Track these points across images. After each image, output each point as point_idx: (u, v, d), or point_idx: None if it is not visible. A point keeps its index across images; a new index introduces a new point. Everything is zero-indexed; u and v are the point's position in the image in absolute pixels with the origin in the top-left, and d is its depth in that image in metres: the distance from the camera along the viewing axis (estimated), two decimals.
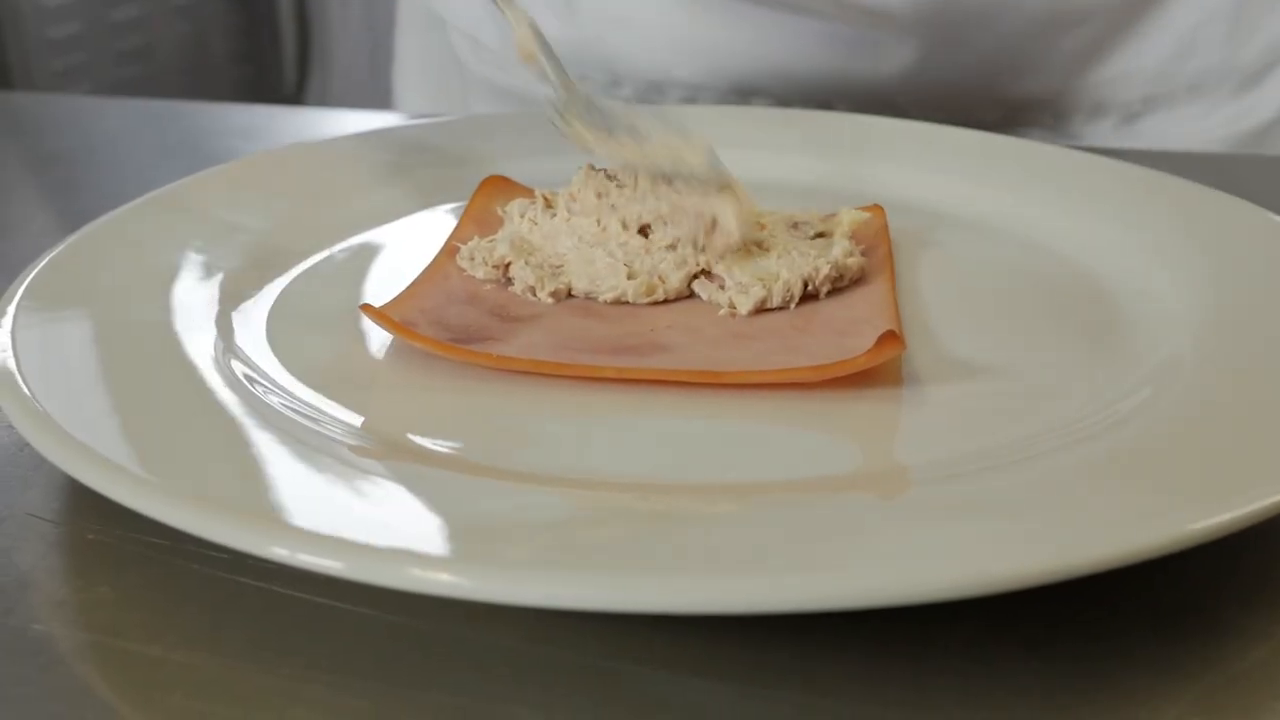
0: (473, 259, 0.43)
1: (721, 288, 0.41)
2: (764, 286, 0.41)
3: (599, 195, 0.43)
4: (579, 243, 0.42)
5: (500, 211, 0.46)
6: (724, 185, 0.42)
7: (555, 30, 0.74)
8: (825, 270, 0.42)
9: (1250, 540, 0.30)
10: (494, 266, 0.42)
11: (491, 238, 0.44)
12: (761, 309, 0.41)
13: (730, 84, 0.71)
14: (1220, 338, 0.38)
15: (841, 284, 0.42)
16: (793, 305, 0.41)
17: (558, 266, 0.42)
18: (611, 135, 0.45)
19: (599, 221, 0.43)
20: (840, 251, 0.43)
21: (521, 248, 0.43)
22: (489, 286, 0.42)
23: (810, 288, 0.42)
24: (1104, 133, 0.70)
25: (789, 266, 0.41)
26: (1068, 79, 0.69)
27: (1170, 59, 0.68)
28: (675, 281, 0.41)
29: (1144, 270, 0.43)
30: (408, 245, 0.47)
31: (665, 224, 0.43)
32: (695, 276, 0.42)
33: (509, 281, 0.42)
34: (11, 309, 0.37)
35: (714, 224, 0.42)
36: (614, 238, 0.42)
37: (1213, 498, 0.29)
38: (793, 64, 0.70)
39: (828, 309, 0.41)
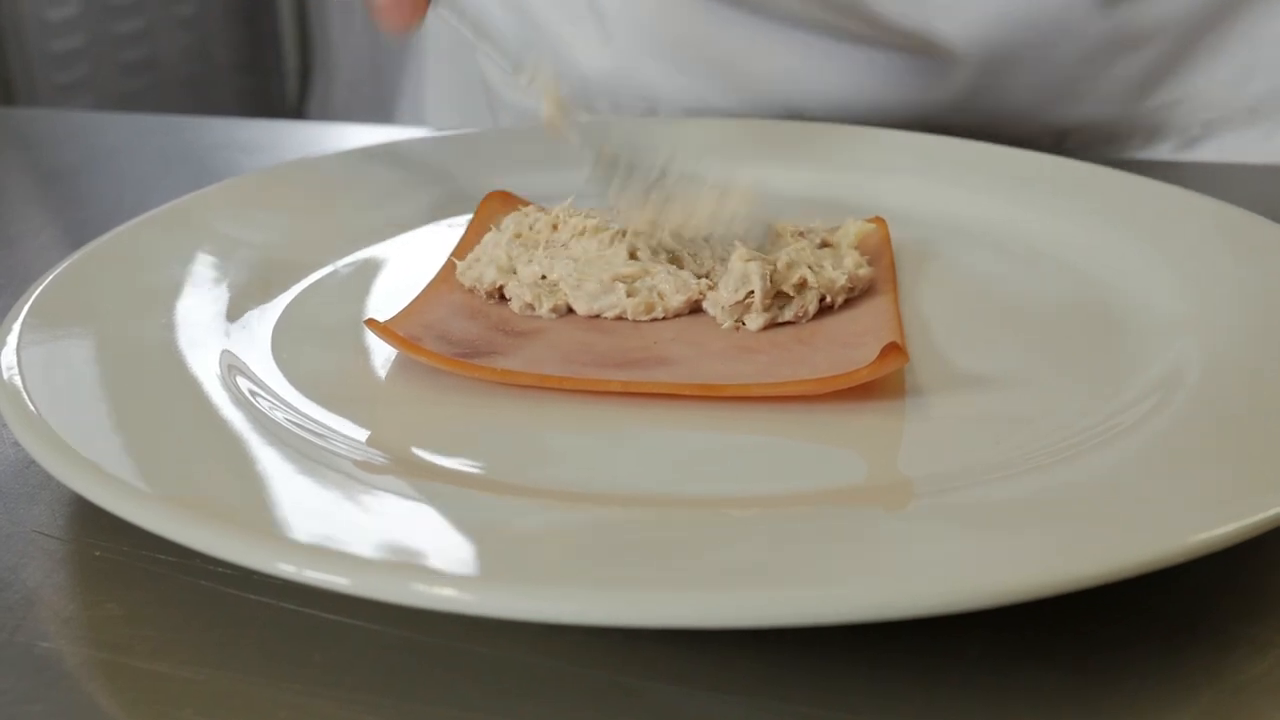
0: (468, 275, 0.43)
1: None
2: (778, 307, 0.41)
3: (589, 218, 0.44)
4: (576, 265, 0.42)
5: (494, 228, 0.46)
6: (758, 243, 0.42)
7: (591, 59, 0.73)
8: (842, 282, 0.42)
9: (1254, 552, 0.30)
10: (486, 293, 0.43)
11: (477, 258, 0.44)
12: (771, 324, 0.41)
13: (771, 114, 0.69)
14: (1222, 349, 0.38)
15: (852, 295, 0.43)
16: (804, 320, 0.41)
17: (554, 282, 0.42)
18: (648, 201, 0.44)
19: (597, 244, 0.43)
20: (852, 263, 0.43)
21: (507, 268, 0.43)
22: (491, 301, 0.43)
23: (826, 299, 0.42)
24: (1161, 158, 0.68)
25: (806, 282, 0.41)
26: (1125, 105, 0.67)
27: (1230, 83, 0.67)
28: (675, 302, 0.41)
29: (1146, 282, 0.43)
30: (411, 260, 0.47)
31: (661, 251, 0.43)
32: (697, 301, 0.42)
33: (505, 300, 0.42)
34: (17, 327, 0.37)
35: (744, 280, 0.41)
36: (611, 259, 0.42)
37: (1217, 509, 0.29)
38: (838, 92, 0.68)
39: (831, 321, 0.41)
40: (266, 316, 0.42)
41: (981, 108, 0.67)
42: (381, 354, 0.39)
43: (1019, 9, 0.63)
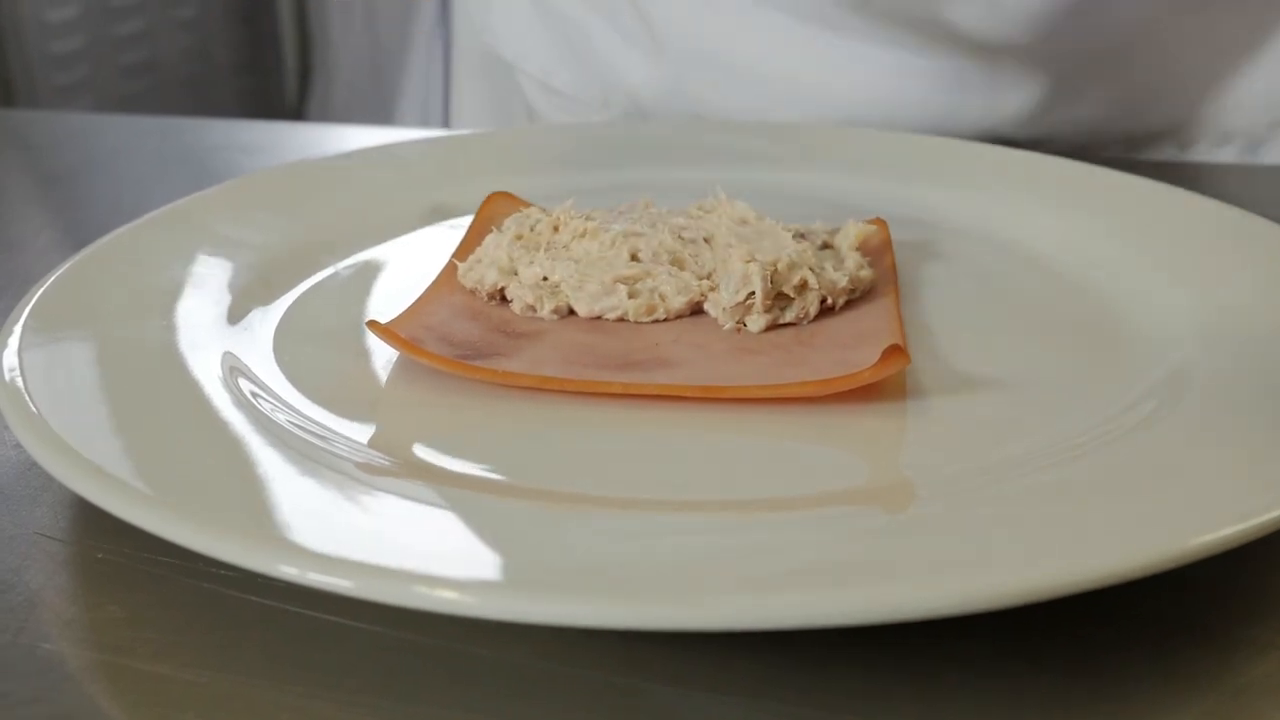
0: (469, 276, 0.43)
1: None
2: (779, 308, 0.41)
3: (590, 220, 0.44)
4: (577, 266, 0.42)
5: (495, 230, 0.46)
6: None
7: (642, 73, 0.71)
8: (843, 283, 0.42)
9: (1255, 554, 0.30)
10: (487, 295, 0.43)
11: (478, 259, 0.44)
12: (772, 325, 0.41)
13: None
14: (1224, 352, 0.38)
15: (853, 296, 0.43)
16: (806, 322, 0.41)
17: (555, 284, 0.42)
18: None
19: (598, 245, 0.43)
20: (853, 264, 0.43)
21: (508, 270, 0.43)
22: (493, 303, 0.43)
23: (828, 301, 0.42)
24: (1228, 159, 0.68)
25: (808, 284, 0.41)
26: (1193, 108, 0.66)
27: None
28: (677, 304, 0.41)
29: (1147, 283, 0.43)
30: (413, 261, 0.47)
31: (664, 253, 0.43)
32: (698, 303, 0.42)
33: (506, 301, 0.42)
34: (18, 329, 0.37)
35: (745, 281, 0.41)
36: (613, 260, 0.42)
37: (1218, 511, 0.29)
38: (903, 105, 0.66)
39: (832, 323, 0.41)
40: (268, 318, 0.42)
41: (1054, 118, 0.66)
42: (383, 356, 0.39)
43: (1092, 14, 0.62)
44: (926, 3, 0.62)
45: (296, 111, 2.27)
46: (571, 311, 0.42)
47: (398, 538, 0.29)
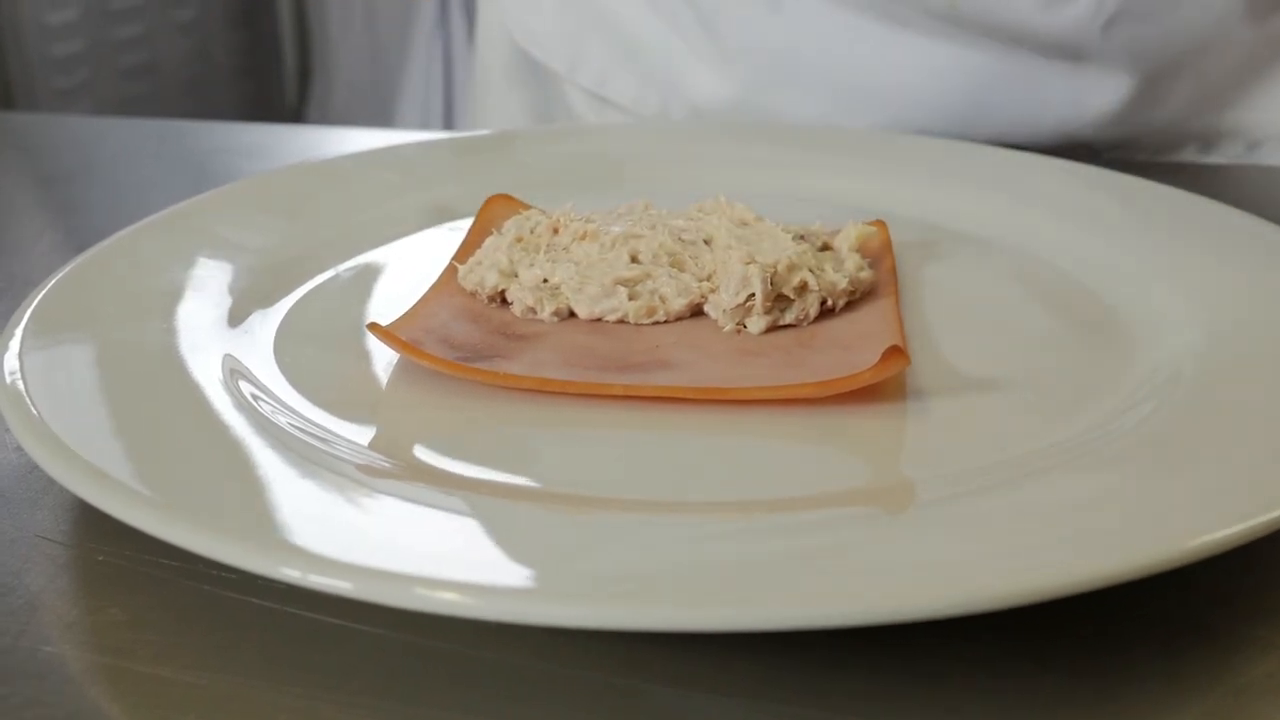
0: (469, 279, 0.43)
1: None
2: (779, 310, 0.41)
3: (591, 223, 0.44)
4: (577, 268, 0.42)
5: (496, 232, 0.46)
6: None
7: (710, 86, 0.68)
8: (843, 285, 0.42)
9: (1256, 554, 0.30)
10: (488, 297, 0.43)
11: (478, 261, 0.44)
12: (773, 327, 0.41)
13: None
14: (1223, 352, 0.38)
15: (853, 298, 0.43)
16: (806, 323, 0.41)
17: (555, 286, 0.42)
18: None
19: (599, 248, 0.43)
20: (853, 266, 0.43)
21: (508, 272, 0.43)
22: (493, 305, 0.43)
23: (828, 302, 0.42)
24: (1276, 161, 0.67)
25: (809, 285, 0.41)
26: (1269, 108, 0.66)
27: None
28: (677, 305, 0.41)
29: (1147, 284, 0.43)
30: (413, 264, 0.47)
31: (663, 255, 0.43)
32: (698, 304, 0.42)
33: (506, 304, 0.42)
34: (19, 332, 0.37)
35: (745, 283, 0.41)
36: (613, 262, 0.42)
37: (1219, 511, 0.29)
38: (981, 109, 0.64)
39: (833, 324, 0.41)
40: (268, 321, 0.42)
41: (1135, 121, 0.65)
42: (383, 358, 0.39)
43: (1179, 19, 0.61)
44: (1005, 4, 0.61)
45: (296, 114, 2.27)
46: (572, 313, 0.42)
47: (398, 539, 0.29)
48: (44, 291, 0.40)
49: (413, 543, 0.29)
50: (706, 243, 0.43)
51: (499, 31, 0.81)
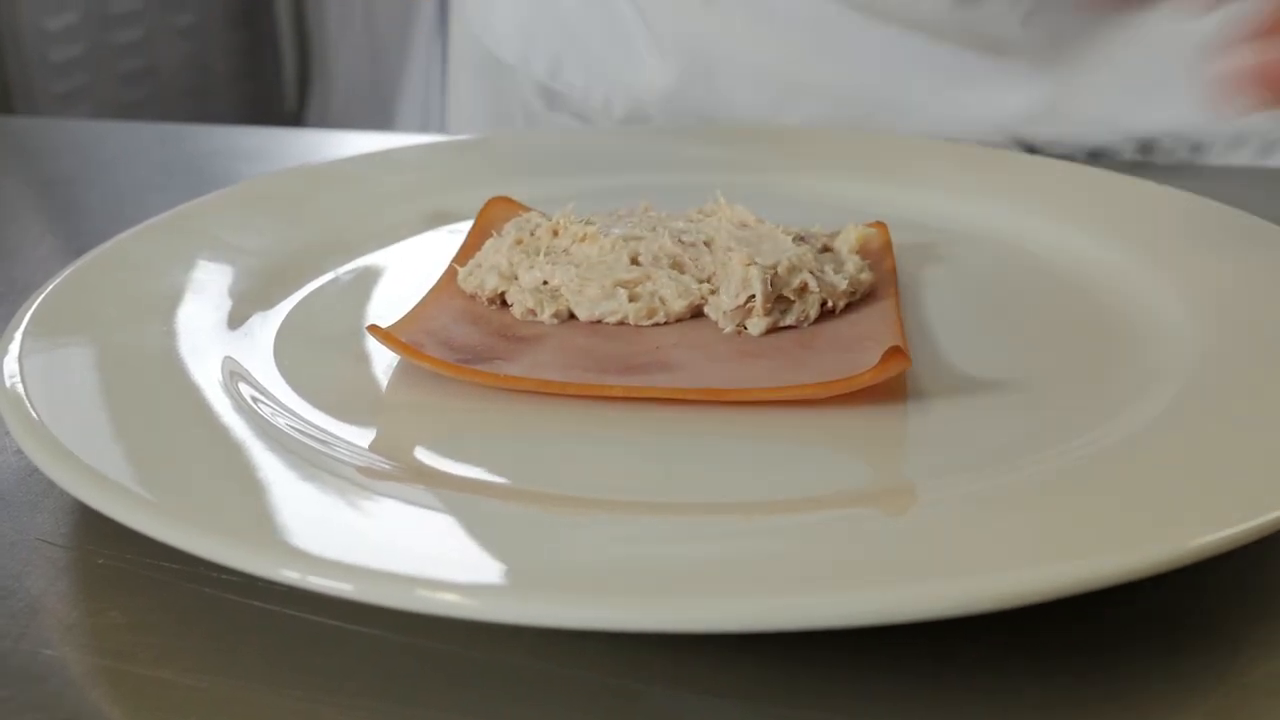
0: (469, 281, 0.43)
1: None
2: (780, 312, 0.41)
3: (590, 224, 0.44)
4: (577, 270, 0.42)
5: (495, 234, 0.46)
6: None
7: (647, 77, 0.69)
8: (843, 286, 0.42)
9: (1261, 553, 0.30)
10: (488, 299, 0.43)
11: (478, 264, 0.44)
12: (773, 328, 0.41)
13: (847, 128, 0.66)
14: (1226, 350, 0.38)
15: (854, 299, 0.43)
16: (806, 325, 0.41)
17: (555, 288, 0.42)
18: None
19: (599, 249, 0.43)
20: (853, 267, 0.43)
21: (508, 274, 0.43)
22: (493, 307, 0.43)
23: (828, 304, 0.42)
24: (1241, 162, 0.67)
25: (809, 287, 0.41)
26: (1205, 108, 0.67)
27: None
28: (677, 307, 0.41)
29: (1148, 283, 0.43)
30: (413, 266, 0.47)
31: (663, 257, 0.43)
32: (699, 306, 0.42)
33: (506, 306, 0.42)
34: (18, 335, 0.37)
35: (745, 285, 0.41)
36: (613, 264, 0.42)
37: (1222, 511, 0.29)
38: (909, 103, 0.65)
39: (833, 325, 0.41)
40: (268, 323, 0.42)
41: (1060, 115, 0.65)
42: (383, 360, 0.39)
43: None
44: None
45: (296, 117, 2.27)
46: (572, 315, 0.42)
47: (399, 541, 0.29)
48: (44, 294, 0.40)
49: (413, 544, 0.29)
50: (707, 244, 0.43)
51: (465, 26, 0.82)
